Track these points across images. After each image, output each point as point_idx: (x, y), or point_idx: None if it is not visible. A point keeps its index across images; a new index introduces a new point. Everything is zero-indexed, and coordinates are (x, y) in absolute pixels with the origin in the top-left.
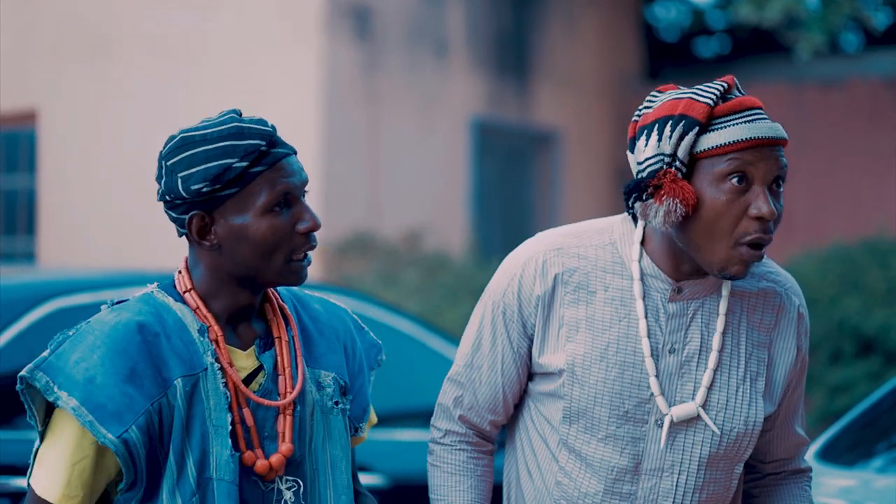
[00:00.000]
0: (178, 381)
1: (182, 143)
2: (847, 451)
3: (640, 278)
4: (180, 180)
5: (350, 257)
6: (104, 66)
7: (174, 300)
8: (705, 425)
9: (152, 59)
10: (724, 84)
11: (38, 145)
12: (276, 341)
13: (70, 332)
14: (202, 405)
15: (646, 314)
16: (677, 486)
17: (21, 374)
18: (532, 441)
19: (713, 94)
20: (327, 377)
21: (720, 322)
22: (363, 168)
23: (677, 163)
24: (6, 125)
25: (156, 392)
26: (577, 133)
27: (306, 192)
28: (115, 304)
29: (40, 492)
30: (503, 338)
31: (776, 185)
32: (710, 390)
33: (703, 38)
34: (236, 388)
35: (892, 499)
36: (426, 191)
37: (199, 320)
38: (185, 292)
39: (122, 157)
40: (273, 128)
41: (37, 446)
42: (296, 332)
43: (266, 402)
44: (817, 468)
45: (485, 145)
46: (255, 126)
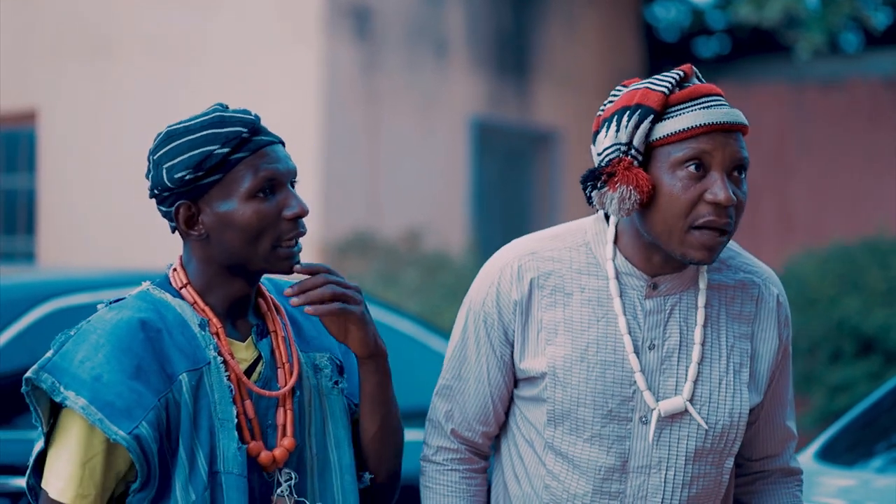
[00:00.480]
0: (183, 376)
1: (167, 136)
2: (847, 451)
3: (616, 277)
4: (165, 171)
5: (350, 257)
6: (104, 66)
7: (171, 296)
8: (690, 420)
9: (152, 59)
10: (680, 72)
11: (37, 145)
12: (272, 335)
13: (71, 332)
14: (207, 399)
15: (624, 312)
16: (665, 482)
17: (26, 375)
18: (519, 446)
19: (669, 82)
20: (322, 358)
21: (699, 315)
22: (363, 168)
23: (633, 151)
24: (6, 125)
25: (162, 387)
26: (576, 133)
27: (295, 181)
28: (111, 303)
29: (54, 494)
30: (486, 347)
31: (737, 173)
32: (694, 384)
33: (703, 38)
34: (239, 380)
35: (892, 499)
36: (426, 190)
37: (198, 314)
38: (182, 287)
39: (121, 157)
40: (256, 117)
41: (39, 448)
42: (286, 322)
43: (267, 393)
44: (817, 468)
45: (484, 145)
46: (237, 115)
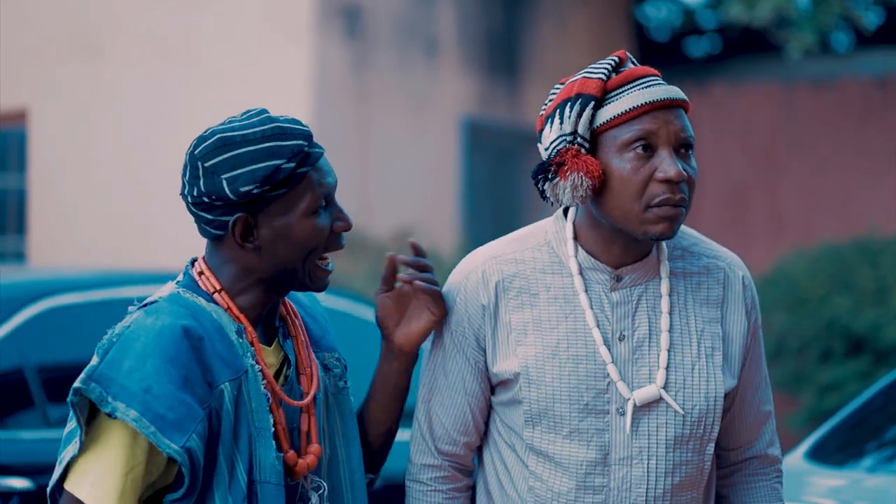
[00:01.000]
0: (225, 385)
1: (221, 143)
2: (837, 451)
3: (580, 272)
4: (225, 182)
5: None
6: (95, 65)
7: (205, 300)
8: (667, 407)
9: (143, 58)
10: (615, 58)
11: (28, 145)
12: (293, 340)
13: (114, 338)
14: (245, 408)
15: (591, 306)
16: (648, 471)
17: (75, 385)
18: (501, 452)
19: (605, 68)
20: (331, 358)
21: (664, 303)
22: (353, 167)
23: (579, 139)
24: None
25: (207, 398)
26: None
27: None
28: (142, 305)
29: (90, 501)
30: (460, 356)
31: (684, 150)
32: (666, 371)
33: (694, 38)
34: (273, 389)
35: (882, 498)
36: (416, 190)
37: (234, 321)
38: (215, 293)
39: (113, 157)
40: (307, 126)
41: (73, 453)
42: (302, 325)
43: (294, 403)
44: (807, 468)
45: (475, 145)
46: (295, 126)
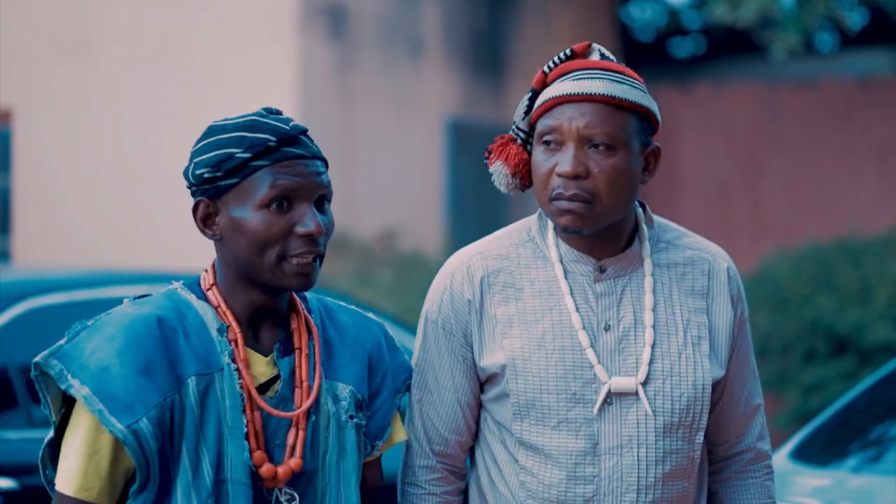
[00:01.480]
0: (191, 380)
1: (207, 132)
2: (821, 451)
3: (560, 261)
4: (192, 165)
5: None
6: (80, 65)
7: (196, 297)
8: (655, 395)
9: (128, 58)
10: (568, 50)
11: (12, 144)
12: (296, 352)
13: (89, 323)
14: (217, 406)
15: (571, 293)
16: (638, 460)
17: (35, 360)
18: (492, 449)
19: (553, 62)
20: (344, 390)
21: (647, 288)
22: (338, 167)
23: (514, 128)
24: None
25: (169, 388)
26: None
27: (325, 197)
28: (137, 298)
29: (59, 486)
30: (448, 353)
31: (592, 146)
32: (652, 360)
33: (679, 38)
34: (249, 392)
35: (866, 498)
36: (401, 190)
37: (219, 319)
38: (208, 289)
39: (99, 156)
40: (293, 129)
41: (48, 437)
42: (317, 343)
43: (278, 414)
44: (791, 468)
45: (460, 145)
46: (272, 122)
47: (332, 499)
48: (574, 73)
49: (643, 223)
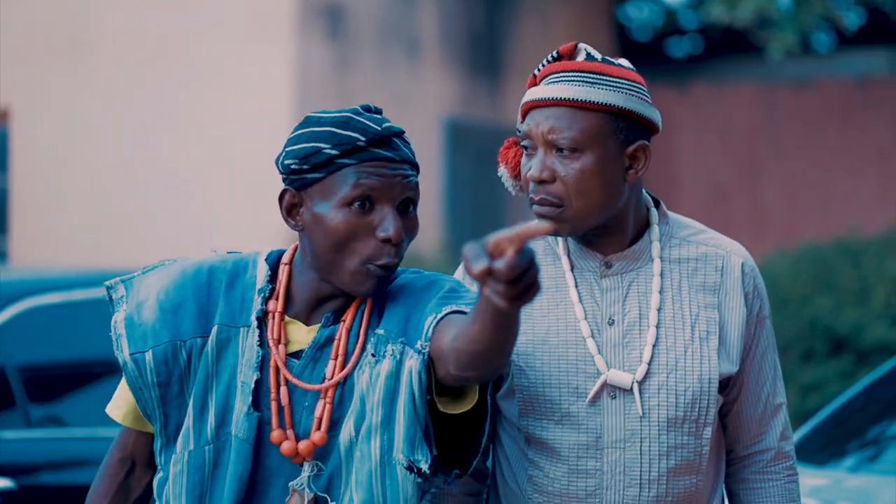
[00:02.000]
0: (214, 329)
1: (303, 121)
2: (819, 451)
3: (568, 255)
4: (283, 154)
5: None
6: (78, 64)
7: (266, 262)
8: (659, 388)
9: (125, 57)
10: (554, 53)
11: (9, 144)
12: (341, 324)
13: (166, 261)
14: (236, 359)
15: (579, 290)
16: (642, 454)
17: (108, 282)
18: (505, 446)
19: (542, 64)
20: (383, 334)
21: (654, 291)
22: None
23: (517, 132)
24: None
25: (190, 332)
26: None
27: (410, 200)
28: (229, 252)
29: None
30: None
31: (557, 151)
32: (656, 353)
33: (676, 38)
34: (278, 371)
35: (863, 498)
36: None
37: (268, 283)
38: (284, 264)
39: (96, 156)
40: (385, 130)
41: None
42: (367, 312)
43: (304, 386)
44: None
45: (457, 144)
46: (364, 121)
47: (355, 456)
48: (548, 77)
49: (654, 220)
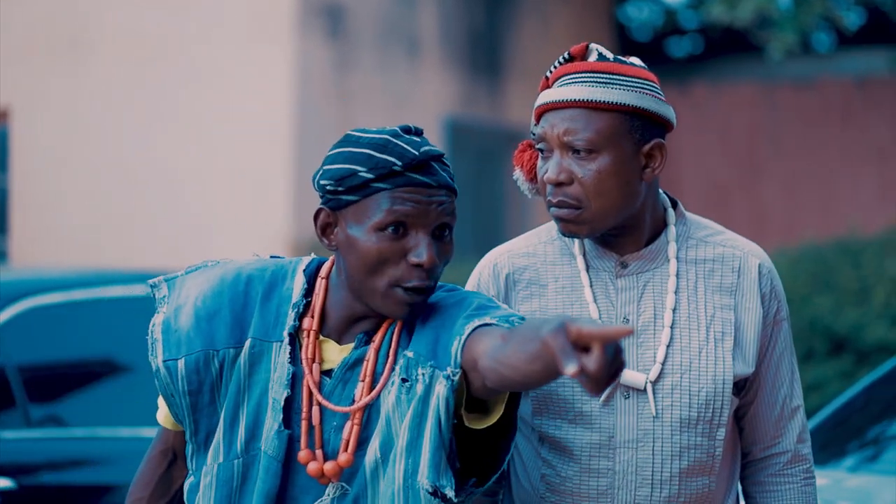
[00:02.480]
0: (247, 342)
1: (342, 140)
2: (819, 451)
3: (584, 255)
4: (320, 173)
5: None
6: (78, 64)
7: (304, 274)
8: (673, 389)
9: (126, 57)
10: (566, 54)
11: (9, 144)
12: (369, 345)
13: (209, 263)
14: (268, 374)
15: (594, 290)
16: (654, 454)
17: (153, 280)
18: (520, 446)
19: (553, 66)
20: (411, 358)
21: (670, 291)
22: None
23: (532, 134)
24: None
25: (224, 342)
26: None
27: (446, 225)
28: (272, 257)
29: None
30: None
31: (574, 153)
32: (670, 354)
33: (676, 38)
34: (311, 391)
35: (863, 498)
36: None
37: (304, 297)
38: (321, 277)
39: (96, 156)
40: (423, 154)
41: None
42: (396, 336)
43: (333, 408)
44: None
45: (457, 144)
46: (402, 144)
47: (380, 475)
48: (561, 79)
49: (671, 220)
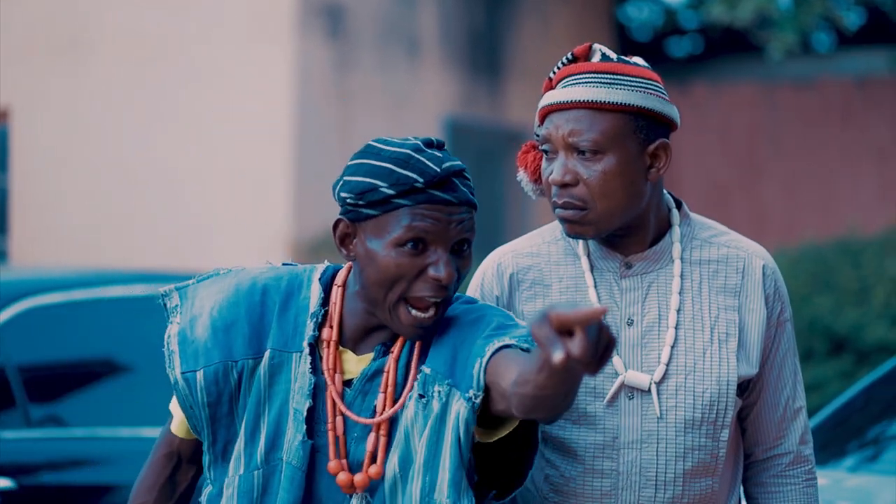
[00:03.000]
0: (266, 353)
1: (364, 150)
2: (819, 451)
3: (588, 255)
4: (340, 184)
5: (322, 256)
6: (77, 64)
7: (320, 282)
8: (677, 390)
9: (125, 57)
10: (569, 55)
11: (9, 144)
12: (389, 356)
13: (222, 271)
14: (288, 385)
15: (598, 290)
16: (658, 454)
17: (163, 289)
18: None
19: (556, 67)
20: (429, 375)
21: (674, 292)
22: (335, 167)
23: (536, 136)
24: None
25: (242, 353)
26: None
27: (465, 240)
28: (284, 264)
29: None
30: None
31: (578, 153)
32: (675, 355)
33: (676, 38)
34: (334, 401)
35: (863, 498)
36: None
37: (321, 306)
38: (338, 286)
39: (96, 156)
40: (444, 171)
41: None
42: (416, 349)
43: (356, 419)
44: None
45: (457, 144)
46: (424, 160)
47: (400, 490)
48: (565, 80)
49: (675, 221)
